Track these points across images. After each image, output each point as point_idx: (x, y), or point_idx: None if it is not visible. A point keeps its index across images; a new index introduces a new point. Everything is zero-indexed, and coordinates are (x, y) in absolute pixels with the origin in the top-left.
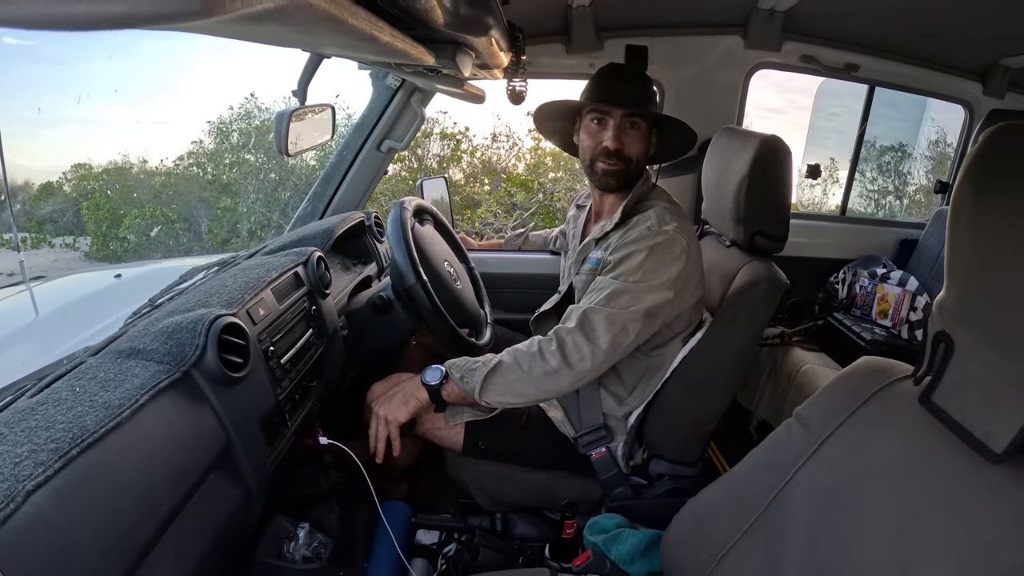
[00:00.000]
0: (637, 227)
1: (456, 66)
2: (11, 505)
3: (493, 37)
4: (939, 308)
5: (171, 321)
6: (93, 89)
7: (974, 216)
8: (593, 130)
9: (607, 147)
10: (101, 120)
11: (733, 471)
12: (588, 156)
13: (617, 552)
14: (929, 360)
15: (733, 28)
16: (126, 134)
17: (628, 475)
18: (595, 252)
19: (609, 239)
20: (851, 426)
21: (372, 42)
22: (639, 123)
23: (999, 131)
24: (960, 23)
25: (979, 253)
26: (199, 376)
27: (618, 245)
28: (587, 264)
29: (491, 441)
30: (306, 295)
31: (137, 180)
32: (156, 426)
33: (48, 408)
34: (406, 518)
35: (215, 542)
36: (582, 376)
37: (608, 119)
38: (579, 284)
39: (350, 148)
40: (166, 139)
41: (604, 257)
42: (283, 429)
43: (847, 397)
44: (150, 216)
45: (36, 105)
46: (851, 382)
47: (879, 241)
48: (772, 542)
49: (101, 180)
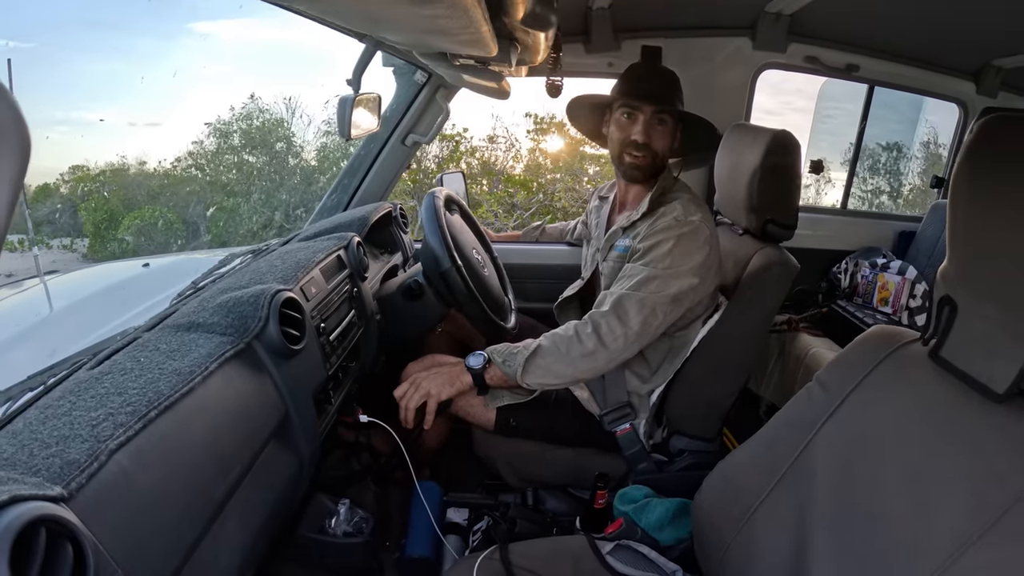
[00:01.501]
0: (664, 217)
1: (508, 59)
2: (95, 464)
3: (548, 34)
4: (942, 276)
5: (229, 296)
6: (86, 91)
7: (972, 194)
8: (623, 123)
9: (635, 140)
10: (93, 122)
11: (760, 433)
12: (617, 148)
13: (647, 520)
14: (936, 322)
15: (742, 30)
16: (121, 136)
17: (650, 452)
18: (622, 240)
19: (637, 228)
20: (867, 385)
21: (475, 31)
22: (666, 119)
23: (992, 120)
24: (955, 26)
25: (976, 226)
26: (260, 348)
27: (647, 234)
28: (615, 251)
29: (522, 419)
30: (348, 278)
31: (135, 181)
32: (225, 392)
33: (115, 377)
34: (439, 496)
35: (274, 508)
36: (616, 356)
37: (638, 114)
38: (606, 270)
39: (376, 141)
40: (161, 141)
41: (632, 245)
42: (327, 406)
43: (862, 360)
44: (149, 217)
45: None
46: (865, 347)
47: (879, 233)
48: (800, 493)
49: (99, 181)
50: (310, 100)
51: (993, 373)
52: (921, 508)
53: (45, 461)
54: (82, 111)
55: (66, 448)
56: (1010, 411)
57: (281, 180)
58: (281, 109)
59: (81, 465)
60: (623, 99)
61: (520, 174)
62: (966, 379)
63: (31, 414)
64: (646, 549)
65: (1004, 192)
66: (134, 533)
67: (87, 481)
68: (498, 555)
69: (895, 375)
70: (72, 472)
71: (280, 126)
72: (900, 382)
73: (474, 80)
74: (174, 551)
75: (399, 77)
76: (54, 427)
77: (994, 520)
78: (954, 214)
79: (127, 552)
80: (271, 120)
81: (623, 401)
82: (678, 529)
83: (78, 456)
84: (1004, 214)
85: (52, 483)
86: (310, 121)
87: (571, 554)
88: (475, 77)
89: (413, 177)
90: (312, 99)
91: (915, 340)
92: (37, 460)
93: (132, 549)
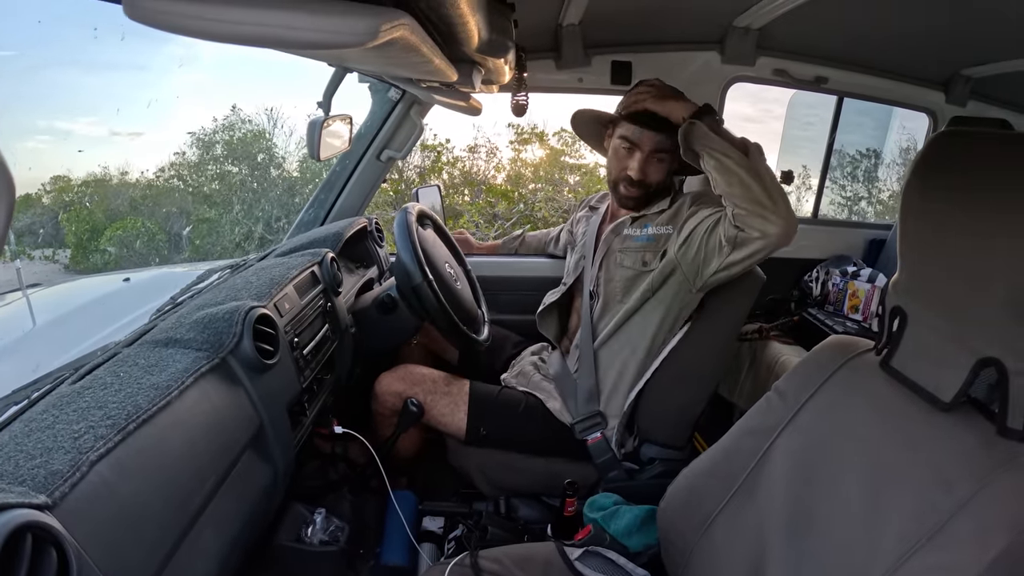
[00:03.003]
0: (690, 204)
1: (471, 82)
2: (77, 474)
3: (507, 58)
4: (893, 287)
5: (205, 313)
6: (66, 102)
7: (920, 208)
8: (621, 154)
9: (630, 176)
10: (75, 133)
11: (720, 442)
12: (612, 176)
13: (615, 527)
14: (887, 332)
15: (711, 44)
16: (103, 146)
17: (621, 460)
18: (639, 230)
19: (656, 218)
20: (823, 394)
21: (428, 64)
22: (665, 157)
23: (940, 137)
24: (923, 36)
25: (925, 238)
26: (235, 362)
27: (688, 215)
28: (634, 240)
29: (493, 428)
30: (322, 293)
31: (117, 192)
32: (201, 406)
33: (95, 391)
34: (414, 505)
35: (249, 517)
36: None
37: (636, 150)
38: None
39: (352, 157)
40: (144, 151)
41: (660, 232)
42: (302, 418)
43: (819, 369)
44: (131, 228)
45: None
46: (822, 357)
47: (849, 242)
48: (759, 499)
49: (80, 192)
50: (292, 111)
51: (940, 382)
52: (873, 513)
53: (30, 472)
54: (64, 121)
55: (50, 459)
56: (956, 419)
57: (263, 191)
58: (263, 120)
59: (64, 475)
60: (624, 125)
61: (502, 184)
62: (915, 388)
63: (16, 427)
64: (614, 555)
65: (952, 205)
66: (114, 540)
67: (70, 490)
68: (468, 561)
69: (850, 384)
70: (56, 482)
71: (262, 137)
72: (855, 391)
73: (443, 99)
74: (152, 557)
75: (374, 93)
76: (38, 440)
77: (941, 525)
78: (904, 226)
79: (108, 558)
80: (252, 132)
81: (594, 411)
82: (646, 535)
83: (61, 467)
84: (952, 227)
85: (37, 492)
86: (292, 131)
87: (541, 560)
88: (443, 96)
89: (395, 188)
90: (294, 110)
91: (870, 349)
92: (22, 471)
93: (112, 555)
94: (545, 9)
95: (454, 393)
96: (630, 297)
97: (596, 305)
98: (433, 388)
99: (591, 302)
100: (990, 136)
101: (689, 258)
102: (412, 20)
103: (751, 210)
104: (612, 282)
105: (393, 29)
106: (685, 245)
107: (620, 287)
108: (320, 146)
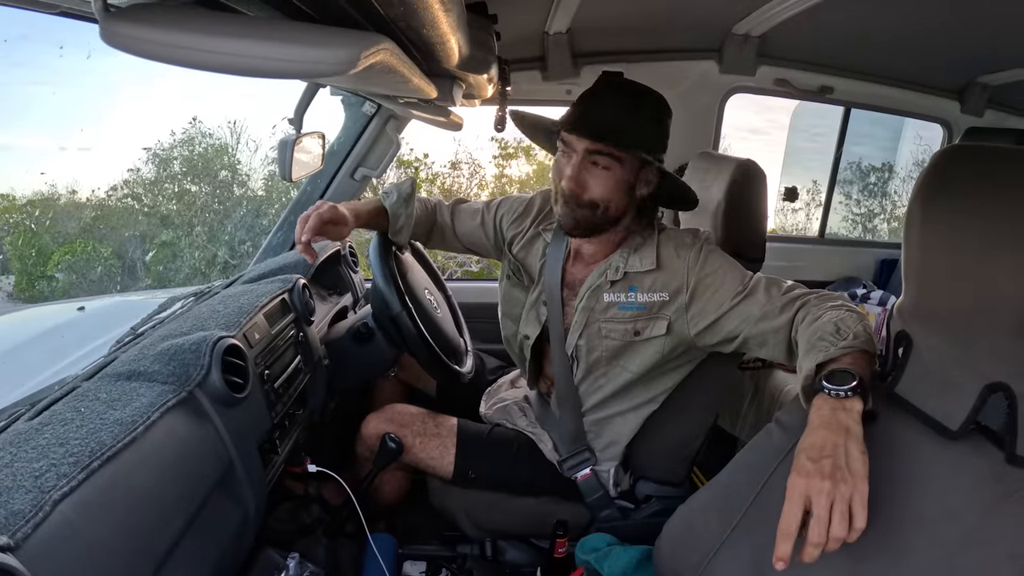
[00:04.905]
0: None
1: (451, 98)
2: (39, 514)
3: (488, 73)
4: (898, 311)
5: (170, 344)
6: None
7: (925, 229)
8: (561, 163)
9: (563, 187)
10: (20, 147)
11: (719, 476)
12: (552, 193)
13: (610, 569)
14: (893, 358)
15: (708, 53)
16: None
17: (615, 498)
18: (624, 295)
19: (640, 281)
20: None
21: (407, 83)
22: (605, 162)
23: (943, 155)
24: (936, 42)
25: (930, 261)
26: (203, 396)
27: (696, 281)
28: (617, 309)
29: (481, 469)
30: (293, 322)
31: (65, 212)
32: (168, 442)
33: (55, 427)
34: (393, 549)
35: (219, 560)
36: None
37: (571, 153)
38: (596, 333)
39: (324, 176)
40: (94, 167)
41: (653, 299)
42: (274, 456)
43: None
44: (81, 252)
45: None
46: None
47: (858, 263)
48: (759, 535)
49: (25, 212)
50: (257, 123)
51: (947, 409)
52: (878, 550)
53: None
54: (5, 134)
55: (10, 499)
56: (963, 447)
57: (226, 211)
58: (225, 134)
59: (26, 515)
60: (560, 127)
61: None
62: (921, 416)
63: None
64: None
65: (957, 226)
66: None
67: (33, 531)
68: None
69: None
70: (17, 522)
71: (224, 152)
72: None
73: (421, 115)
74: None
75: (347, 107)
76: None
77: (951, 556)
78: (909, 248)
79: None
80: (214, 146)
81: (582, 446)
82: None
83: (22, 507)
84: (957, 248)
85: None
86: (257, 147)
87: None
88: (422, 112)
89: None
90: (259, 122)
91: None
92: None
93: None
94: (530, 16)
95: (443, 434)
96: (621, 364)
97: (576, 368)
98: (422, 429)
99: (570, 363)
100: (997, 152)
101: (713, 342)
102: (392, 44)
103: None
104: (595, 351)
105: (373, 55)
106: (708, 332)
107: (606, 357)
108: (292, 166)
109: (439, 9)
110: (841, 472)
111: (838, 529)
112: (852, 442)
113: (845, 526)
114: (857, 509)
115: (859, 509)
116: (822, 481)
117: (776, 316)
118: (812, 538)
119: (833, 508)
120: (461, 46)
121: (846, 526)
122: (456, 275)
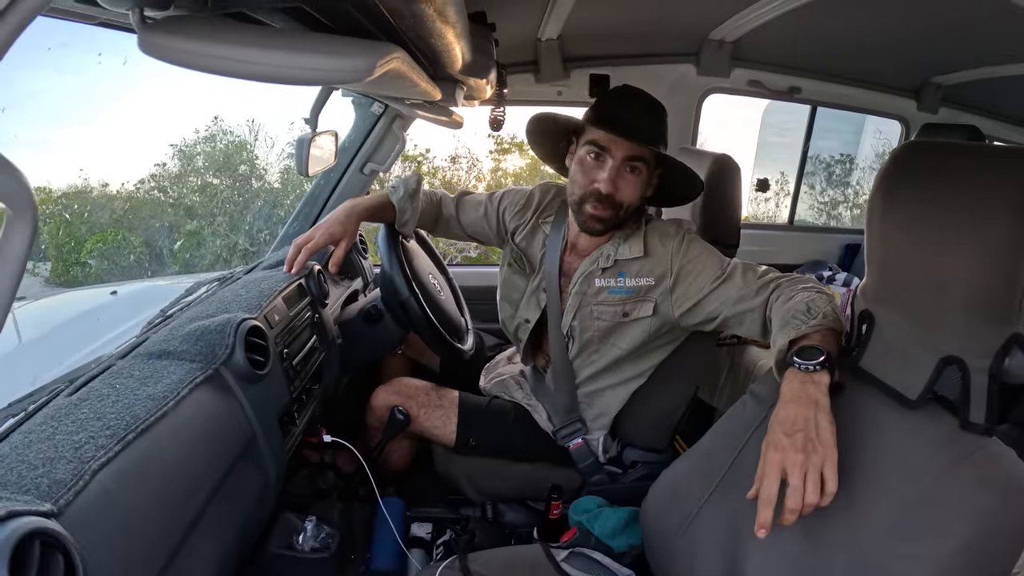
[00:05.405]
0: (667, 244)
1: (453, 99)
2: (80, 482)
3: (488, 77)
4: (862, 292)
5: (197, 325)
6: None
7: (885, 217)
8: (588, 165)
9: (598, 189)
10: (55, 142)
11: (699, 443)
12: (578, 193)
13: (600, 528)
14: (857, 335)
15: (687, 57)
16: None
17: (604, 464)
18: (614, 280)
19: (628, 267)
20: None
21: (415, 88)
22: (640, 167)
23: (902, 150)
24: (894, 46)
25: (890, 246)
26: (228, 373)
27: (679, 267)
28: (608, 293)
29: (481, 437)
30: (309, 305)
31: (97, 203)
32: (196, 416)
33: (92, 403)
34: (401, 512)
35: (243, 524)
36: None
37: (607, 157)
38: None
39: (336, 170)
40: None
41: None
42: (292, 427)
43: None
44: (111, 240)
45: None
46: None
47: (825, 247)
48: (735, 497)
49: (60, 204)
50: (274, 122)
51: (907, 381)
52: (845, 507)
53: (34, 481)
54: (44, 131)
55: (52, 469)
56: (922, 416)
57: (245, 203)
58: (244, 131)
59: (67, 484)
60: (592, 128)
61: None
62: (883, 387)
63: (15, 439)
64: (600, 555)
65: (914, 214)
66: (116, 547)
67: (74, 498)
68: (458, 564)
69: None
70: (60, 490)
71: (243, 148)
72: None
73: (425, 115)
74: (153, 564)
75: (357, 108)
76: (39, 450)
77: (909, 515)
78: (870, 235)
79: (111, 565)
80: (234, 143)
81: (574, 417)
82: (630, 536)
83: (64, 476)
84: (915, 234)
85: (42, 500)
86: (273, 143)
87: (528, 562)
88: (426, 112)
89: None
90: (275, 121)
91: (841, 352)
92: (26, 480)
93: (115, 562)
94: (524, 24)
95: (446, 406)
96: (611, 342)
97: (571, 345)
98: (427, 401)
99: (565, 341)
100: (950, 147)
101: (695, 322)
102: (404, 52)
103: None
104: (588, 331)
105: (388, 63)
106: (690, 313)
107: (598, 336)
108: (308, 162)
109: (445, 20)
110: (812, 444)
111: (812, 496)
112: (821, 414)
113: (818, 493)
114: (828, 476)
115: (830, 476)
116: (796, 454)
117: (752, 297)
118: (789, 504)
119: (807, 477)
120: (464, 53)
121: (819, 492)
122: (456, 260)
